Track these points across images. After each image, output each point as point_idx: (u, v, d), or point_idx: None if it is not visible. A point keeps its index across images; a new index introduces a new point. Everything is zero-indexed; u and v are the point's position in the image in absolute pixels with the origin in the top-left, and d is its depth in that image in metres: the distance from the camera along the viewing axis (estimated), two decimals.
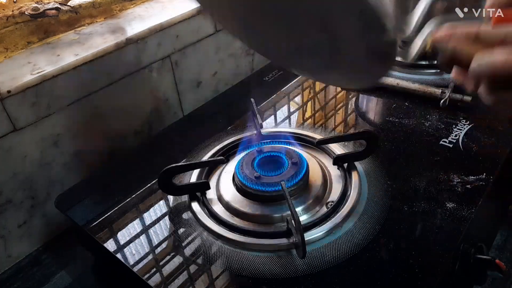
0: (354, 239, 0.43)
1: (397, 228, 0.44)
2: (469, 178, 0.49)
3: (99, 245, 0.46)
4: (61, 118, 0.54)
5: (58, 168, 0.56)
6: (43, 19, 0.58)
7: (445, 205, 0.46)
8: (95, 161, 0.60)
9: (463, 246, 0.45)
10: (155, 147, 0.61)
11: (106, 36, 0.59)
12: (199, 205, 0.48)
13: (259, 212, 0.46)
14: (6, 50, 0.55)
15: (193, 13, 0.66)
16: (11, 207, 0.52)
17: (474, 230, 0.48)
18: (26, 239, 0.55)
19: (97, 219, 0.49)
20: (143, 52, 0.62)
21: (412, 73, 0.72)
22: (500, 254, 0.57)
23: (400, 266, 0.40)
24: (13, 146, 0.50)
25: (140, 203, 0.51)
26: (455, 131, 0.57)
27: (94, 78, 0.57)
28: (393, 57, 0.34)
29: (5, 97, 0.48)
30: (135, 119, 0.64)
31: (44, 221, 0.56)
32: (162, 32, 0.63)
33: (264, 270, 0.41)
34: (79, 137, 0.57)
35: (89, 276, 0.52)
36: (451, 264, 0.42)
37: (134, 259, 0.44)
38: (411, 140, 0.56)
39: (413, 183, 0.49)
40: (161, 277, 0.42)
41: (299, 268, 0.41)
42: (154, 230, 0.47)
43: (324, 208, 0.47)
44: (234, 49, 0.77)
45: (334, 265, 0.41)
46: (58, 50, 0.56)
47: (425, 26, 0.45)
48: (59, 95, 0.53)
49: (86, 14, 0.63)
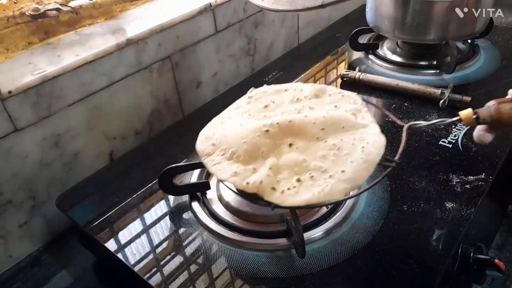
0: (353, 239, 0.43)
1: (396, 228, 0.44)
2: (469, 178, 0.49)
3: (99, 245, 0.46)
4: (61, 118, 0.55)
5: (58, 168, 0.56)
6: (44, 19, 0.58)
7: (444, 205, 0.46)
8: (95, 161, 0.60)
9: (463, 246, 0.45)
10: (155, 147, 0.61)
11: (107, 37, 0.59)
12: (200, 205, 0.49)
13: (259, 212, 0.46)
14: (7, 50, 0.55)
15: (193, 14, 0.66)
16: (11, 207, 0.52)
17: (474, 230, 0.48)
18: (27, 239, 0.55)
19: (98, 219, 0.49)
20: (143, 52, 0.62)
21: (412, 74, 0.72)
22: (500, 254, 0.57)
23: (399, 266, 0.40)
24: (13, 146, 0.50)
25: (141, 203, 0.51)
26: (454, 131, 0.57)
27: (95, 79, 0.57)
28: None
29: (6, 97, 0.48)
30: (136, 119, 0.65)
31: (45, 221, 0.56)
32: (163, 33, 0.63)
33: (263, 270, 0.41)
34: (80, 137, 0.57)
35: (90, 276, 0.52)
36: (451, 263, 0.43)
37: (135, 259, 0.44)
38: (411, 140, 0.56)
39: (413, 183, 0.49)
40: (161, 277, 0.42)
41: (298, 268, 0.41)
42: (155, 230, 0.47)
43: (324, 208, 0.47)
44: (234, 50, 0.77)
45: (333, 264, 0.41)
46: (59, 50, 0.56)
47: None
48: (59, 96, 0.53)
49: (87, 15, 0.63)
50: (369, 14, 0.76)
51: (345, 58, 0.82)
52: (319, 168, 0.39)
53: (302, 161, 0.40)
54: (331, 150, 0.40)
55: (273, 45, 0.86)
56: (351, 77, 0.71)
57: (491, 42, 0.79)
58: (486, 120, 0.43)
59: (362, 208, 0.46)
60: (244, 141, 0.42)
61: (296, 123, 0.42)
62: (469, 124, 0.44)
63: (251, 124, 0.44)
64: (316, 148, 0.41)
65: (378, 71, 0.74)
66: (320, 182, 0.38)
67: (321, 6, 0.52)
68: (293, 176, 0.39)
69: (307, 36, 0.95)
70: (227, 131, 0.44)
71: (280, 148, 0.41)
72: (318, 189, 0.37)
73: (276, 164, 0.40)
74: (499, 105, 0.43)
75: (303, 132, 0.42)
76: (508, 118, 0.43)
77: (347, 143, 0.41)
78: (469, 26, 0.68)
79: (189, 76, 0.70)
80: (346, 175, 0.38)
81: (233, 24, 0.74)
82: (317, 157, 0.40)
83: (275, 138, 0.42)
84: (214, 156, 0.43)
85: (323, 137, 0.42)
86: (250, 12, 0.77)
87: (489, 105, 0.44)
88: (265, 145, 0.41)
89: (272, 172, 0.39)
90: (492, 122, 0.44)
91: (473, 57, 0.74)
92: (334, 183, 0.37)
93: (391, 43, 0.81)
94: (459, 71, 0.70)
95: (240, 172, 0.40)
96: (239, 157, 0.41)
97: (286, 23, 0.87)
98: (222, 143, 0.43)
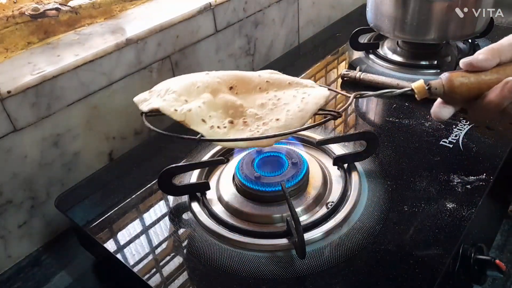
0: (354, 239, 0.43)
1: (397, 228, 0.44)
2: (469, 178, 0.49)
3: (99, 245, 0.46)
4: (61, 118, 0.54)
5: (58, 169, 0.56)
6: (43, 19, 0.58)
7: (445, 205, 0.46)
8: (95, 162, 0.60)
9: (463, 246, 0.44)
10: (155, 148, 0.61)
11: (106, 37, 0.59)
12: (199, 206, 0.48)
13: (259, 212, 0.46)
14: (6, 50, 0.55)
15: (193, 14, 0.66)
16: (11, 208, 0.52)
17: (474, 230, 0.48)
18: (26, 240, 0.55)
19: (97, 219, 0.49)
20: (143, 52, 0.62)
21: (413, 73, 0.72)
22: (500, 254, 0.57)
23: (400, 267, 0.40)
24: (13, 147, 0.50)
25: (140, 203, 0.51)
26: (455, 131, 0.57)
27: (94, 79, 0.57)
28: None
29: (5, 97, 0.48)
30: (135, 119, 0.64)
31: (44, 222, 0.56)
32: (162, 33, 0.63)
33: (263, 271, 0.41)
34: (79, 137, 0.57)
35: (89, 276, 0.52)
36: (451, 264, 0.42)
37: (134, 260, 0.44)
38: (411, 141, 0.56)
39: (413, 183, 0.49)
40: (161, 278, 0.42)
41: (298, 269, 0.41)
42: (154, 230, 0.47)
43: (324, 209, 0.47)
44: (234, 49, 0.77)
45: (333, 265, 0.41)
46: (58, 50, 0.56)
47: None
48: (59, 96, 0.53)
49: (86, 15, 0.63)
50: (369, 13, 0.76)
51: (346, 58, 0.81)
52: (254, 115, 0.37)
53: (238, 105, 0.38)
54: (270, 100, 0.39)
55: (273, 45, 0.86)
56: (352, 77, 0.71)
57: (492, 42, 0.79)
58: (439, 91, 0.42)
59: (362, 209, 0.46)
60: (183, 83, 0.39)
61: (241, 73, 0.40)
62: (421, 96, 0.43)
63: (195, 74, 0.42)
64: (256, 97, 0.39)
65: (379, 70, 0.74)
66: (252, 127, 0.36)
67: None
68: (226, 118, 0.37)
69: (307, 35, 0.94)
70: (167, 81, 0.43)
71: (218, 88, 0.39)
72: (248, 134, 0.36)
73: (211, 100, 0.38)
74: (451, 75, 0.42)
75: (247, 81, 0.40)
76: (460, 88, 0.42)
77: (289, 96, 0.39)
78: (469, 26, 0.68)
79: None
80: (279, 123, 0.36)
81: (233, 24, 0.74)
82: (255, 105, 0.38)
83: (215, 79, 0.39)
84: (151, 100, 0.40)
85: (266, 88, 0.40)
86: (250, 11, 0.77)
87: (441, 76, 0.43)
88: (202, 82, 0.39)
89: (205, 106, 0.37)
90: (445, 94, 0.42)
91: None
92: (265, 130, 0.36)
93: (391, 42, 0.81)
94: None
95: (168, 100, 0.37)
96: (173, 93, 0.39)
97: (286, 23, 0.87)
98: (161, 89, 0.41)
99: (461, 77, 0.42)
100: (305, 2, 0.90)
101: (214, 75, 0.42)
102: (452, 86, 0.42)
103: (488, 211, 0.55)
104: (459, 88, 0.42)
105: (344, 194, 0.48)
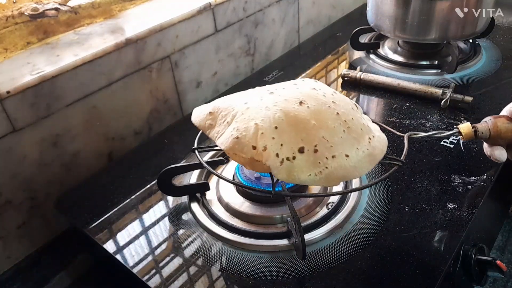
0: (354, 240, 0.43)
1: (397, 229, 0.43)
2: (470, 178, 0.49)
3: (98, 246, 0.46)
4: (60, 118, 0.54)
5: (57, 169, 0.56)
6: (43, 19, 0.58)
7: (446, 205, 0.45)
8: (94, 162, 0.60)
9: (464, 247, 0.44)
10: (155, 148, 0.61)
11: (106, 37, 0.59)
12: (199, 206, 0.48)
13: (259, 213, 0.46)
14: (5, 50, 0.55)
15: (193, 13, 0.66)
16: (10, 208, 0.52)
17: (475, 231, 0.48)
18: (26, 240, 0.55)
19: (97, 220, 0.49)
20: (142, 52, 0.61)
21: (413, 73, 0.72)
22: (501, 255, 0.57)
23: (400, 267, 0.40)
24: (12, 147, 0.50)
25: (140, 204, 0.51)
26: None
27: (94, 79, 0.57)
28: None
29: (4, 97, 0.48)
30: (135, 119, 0.64)
31: (44, 222, 0.56)
32: (162, 32, 0.63)
33: (264, 271, 0.41)
34: (79, 137, 0.57)
35: (89, 277, 0.52)
36: (452, 264, 0.42)
37: (134, 260, 0.44)
38: (412, 141, 0.56)
39: (414, 183, 0.49)
40: (160, 278, 0.42)
41: (299, 270, 0.40)
42: (154, 231, 0.47)
43: (325, 209, 0.47)
44: (234, 49, 0.77)
45: (334, 266, 0.40)
46: (58, 50, 0.56)
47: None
48: (58, 96, 0.53)
49: (86, 15, 0.63)
50: (370, 13, 0.76)
51: (346, 58, 0.81)
52: (326, 143, 0.34)
53: (312, 126, 0.34)
54: (341, 126, 0.35)
55: (273, 45, 0.85)
56: (352, 77, 0.71)
57: (493, 42, 0.79)
58: (485, 134, 0.45)
59: (363, 209, 0.46)
60: (245, 101, 0.36)
61: (305, 92, 0.37)
62: (467, 137, 0.45)
63: (252, 92, 0.39)
64: (328, 115, 0.35)
65: (379, 70, 0.74)
66: (321, 160, 0.34)
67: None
68: (298, 144, 0.34)
69: (307, 35, 0.94)
70: (224, 98, 0.40)
71: (288, 103, 0.36)
72: (315, 170, 0.33)
73: (282, 121, 0.34)
74: (496, 120, 0.45)
75: (314, 98, 0.37)
76: (506, 133, 0.44)
77: (357, 127, 0.36)
78: (470, 26, 0.68)
79: (189, 76, 0.70)
80: (349, 163, 0.34)
81: (233, 24, 0.74)
82: (327, 127, 0.35)
83: (281, 97, 0.36)
84: (218, 127, 0.37)
85: (334, 108, 0.37)
86: (250, 11, 0.76)
87: (486, 120, 0.46)
88: (272, 101, 0.36)
89: (277, 134, 0.34)
90: (491, 136, 0.45)
91: (475, 57, 0.74)
92: (334, 168, 0.34)
93: (392, 42, 0.81)
94: (460, 71, 0.70)
95: (270, 144, 0.34)
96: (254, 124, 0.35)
97: (287, 23, 0.87)
98: (222, 109, 0.37)
99: (507, 123, 0.45)
100: (305, 2, 0.90)
101: (272, 89, 0.38)
102: (498, 131, 0.44)
103: (489, 211, 0.55)
104: (505, 134, 0.44)
105: (344, 195, 0.48)
